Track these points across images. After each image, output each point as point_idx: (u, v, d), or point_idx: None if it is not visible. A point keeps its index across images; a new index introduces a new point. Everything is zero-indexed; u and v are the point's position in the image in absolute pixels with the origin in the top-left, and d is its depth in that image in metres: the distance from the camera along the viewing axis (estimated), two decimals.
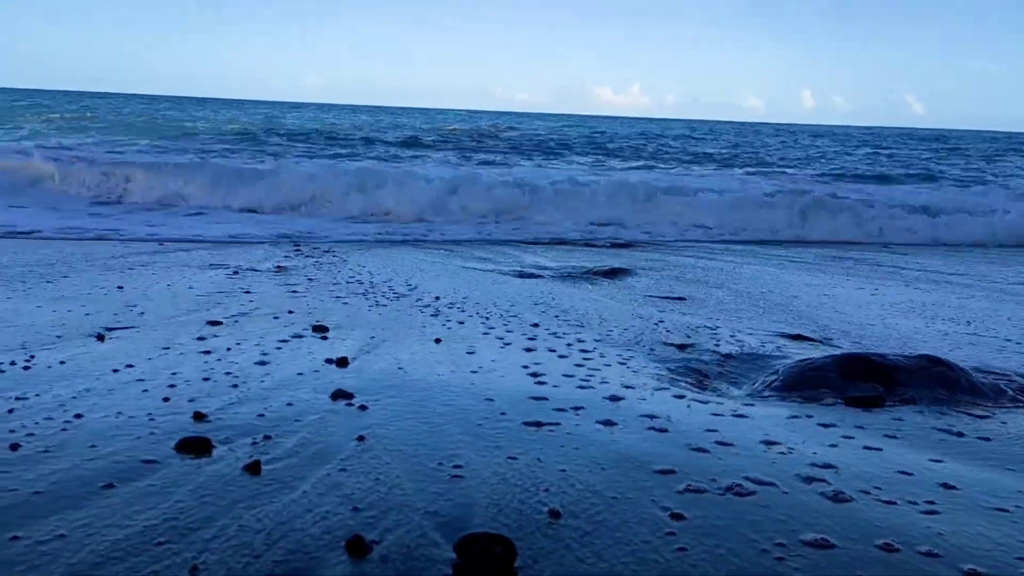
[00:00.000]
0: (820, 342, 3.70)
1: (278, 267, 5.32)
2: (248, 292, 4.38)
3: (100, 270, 4.95)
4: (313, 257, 5.95)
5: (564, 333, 3.66)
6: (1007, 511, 1.94)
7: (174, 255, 5.80)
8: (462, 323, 3.79)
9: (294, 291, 4.47)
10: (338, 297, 4.36)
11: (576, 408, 2.59)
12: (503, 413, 2.52)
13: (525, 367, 3.06)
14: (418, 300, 4.34)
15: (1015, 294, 5.44)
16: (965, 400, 2.74)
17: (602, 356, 3.29)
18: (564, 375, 2.97)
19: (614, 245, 7.70)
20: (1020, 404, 2.80)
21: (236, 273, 5.03)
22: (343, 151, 19.02)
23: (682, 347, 3.48)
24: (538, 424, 2.42)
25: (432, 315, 3.96)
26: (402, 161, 16.72)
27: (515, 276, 5.39)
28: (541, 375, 2.96)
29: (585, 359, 3.22)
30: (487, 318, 3.93)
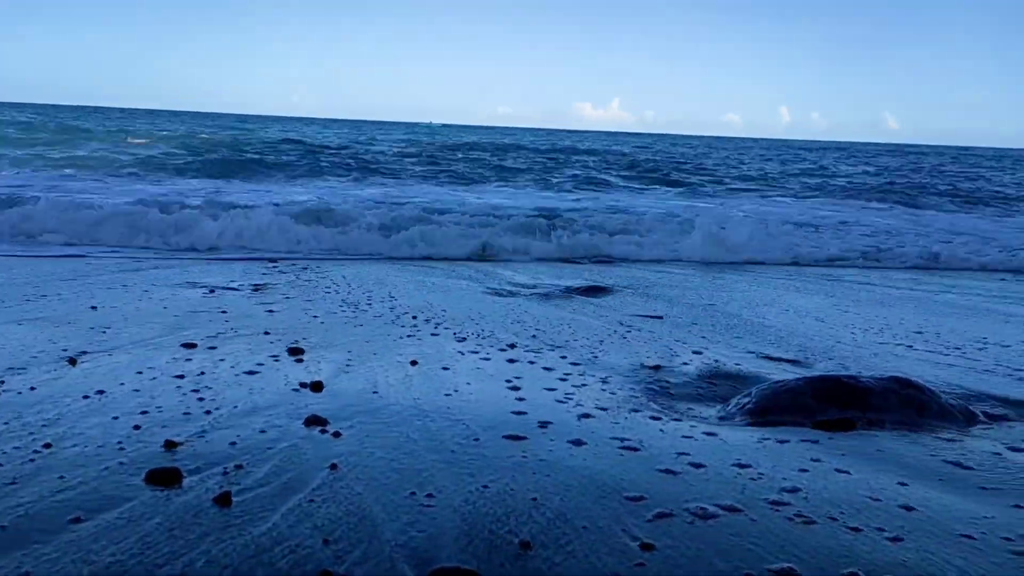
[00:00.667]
0: (797, 363, 3.73)
1: (255, 287, 5.30)
2: (224, 312, 4.36)
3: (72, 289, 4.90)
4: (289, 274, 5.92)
5: (540, 352, 3.67)
6: (973, 538, 1.96)
7: (150, 273, 5.76)
8: (437, 338, 3.79)
9: (270, 310, 4.45)
10: (315, 316, 4.35)
11: (548, 430, 2.61)
12: (476, 439, 2.52)
13: (500, 389, 3.06)
14: (395, 320, 4.33)
15: None
16: (935, 423, 2.77)
17: (580, 376, 3.30)
18: (539, 396, 2.98)
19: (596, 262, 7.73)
20: (990, 427, 2.83)
21: (212, 292, 5.00)
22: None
23: (656, 368, 3.50)
24: (512, 449, 2.43)
25: (408, 335, 3.95)
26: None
27: (491, 294, 5.40)
28: (517, 397, 2.96)
29: (560, 380, 3.23)
30: (464, 338, 3.93)
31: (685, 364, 3.59)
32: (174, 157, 19.06)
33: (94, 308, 4.33)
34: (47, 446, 2.31)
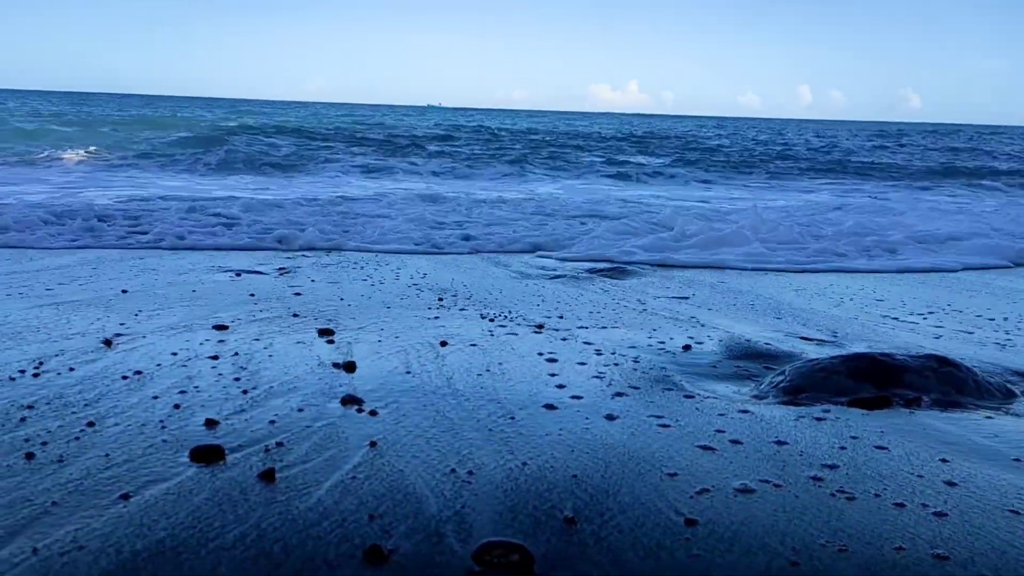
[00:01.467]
0: (829, 342, 3.71)
1: (280, 270, 5.33)
2: (253, 295, 4.39)
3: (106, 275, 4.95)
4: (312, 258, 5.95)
5: (568, 332, 3.67)
6: (1019, 512, 1.95)
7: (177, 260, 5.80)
8: (465, 317, 3.80)
9: (297, 293, 4.48)
10: (342, 299, 4.37)
11: (582, 407, 2.61)
12: (512, 417, 2.53)
13: (533, 366, 3.07)
14: (424, 302, 4.35)
15: None
16: (973, 400, 2.75)
17: (612, 354, 3.30)
18: (572, 373, 2.98)
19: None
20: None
21: (239, 275, 5.03)
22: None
23: (687, 348, 3.49)
24: (548, 426, 2.44)
25: (435, 317, 3.96)
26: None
27: (519, 276, 5.40)
28: (550, 373, 2.97)
29: (595, 355, 3.23)
30: (492, 319, 3.94)
31: (714, 343, 3.58)
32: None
33: (125, 292, 4.37)
34: (90, 424, 2.34)
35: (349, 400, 2.62)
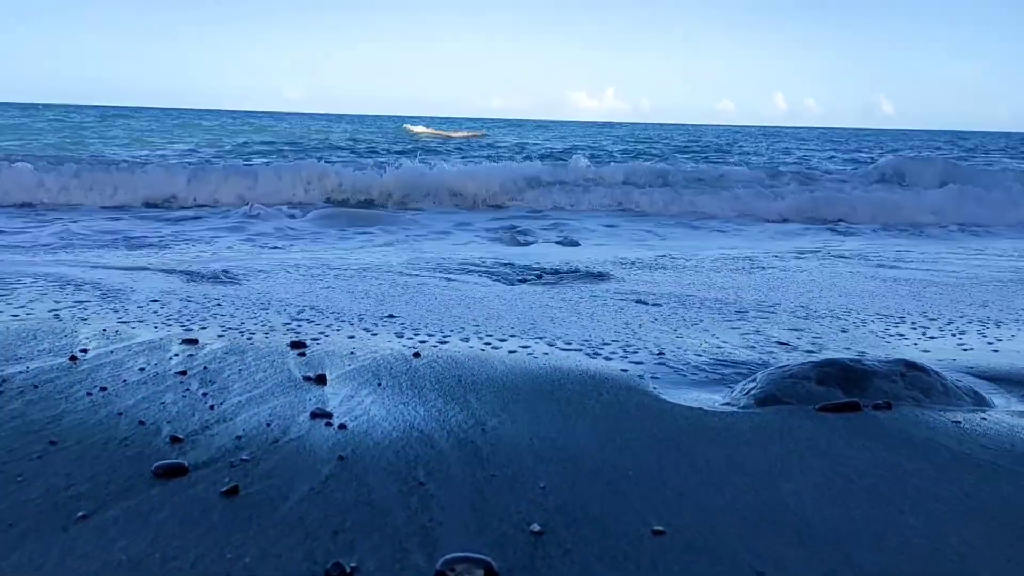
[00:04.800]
0: (802, 347, 3.73)
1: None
2: (219, 304, 4.34)
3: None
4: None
5: (542, 336, 3.66)
6: (982, 511, 1.96)
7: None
8: (444, 339, 3.79)
9: (266, 302, 4.44)
10: (314, 307, 4.34)
11: (555, 411, 2.60)
12: (483, 426, 2.52)
13: (507, 371, 3.06)
14: (395, 317, 4.32)
15: None
16: (942, 405, 2.77)
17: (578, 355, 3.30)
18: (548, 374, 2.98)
19: None
20: (993, 408, 2.83)
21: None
22: None
23: (659, 353, 3.49)
24: (518, 436, 2.43)
25: (407, 331, 3.94)
26: None
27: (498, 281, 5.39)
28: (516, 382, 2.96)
29: (561, 358, 3.23)
30: (462, 328, 3.93)
31: (688, 349, 3.59)
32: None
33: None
34: (52, 443, 2.30)
35: (318, 414, 2.60)
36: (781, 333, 4.02)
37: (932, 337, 3.99)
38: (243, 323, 3.93)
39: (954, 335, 4.04)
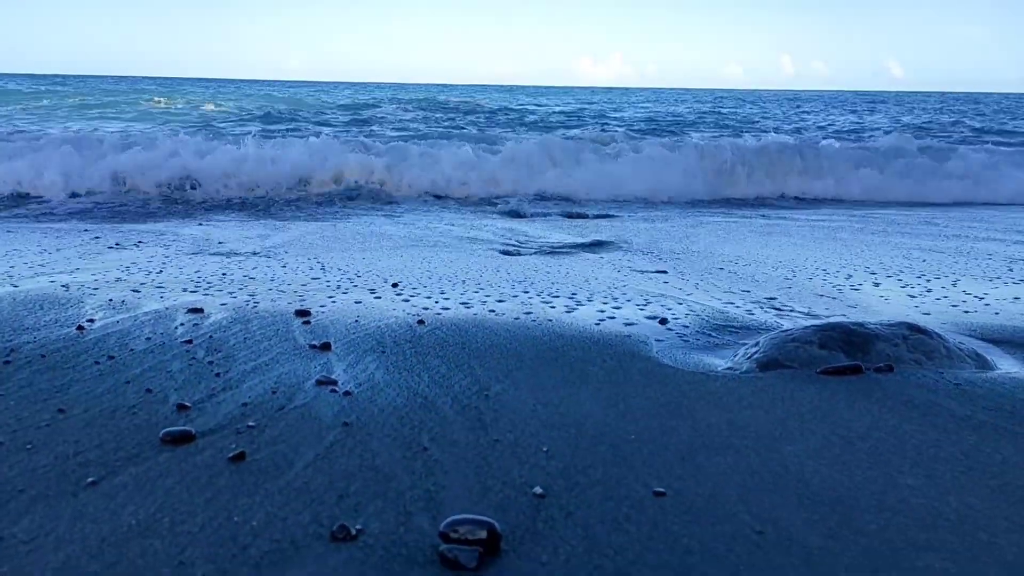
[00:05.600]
0: (803, 312, 3.73)
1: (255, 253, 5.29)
2: (226, 275, 4.36)
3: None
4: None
5: (545, 303, 3.67)
6: (982, 472, 1.97)
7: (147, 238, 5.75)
8: (446, 302, 3.80)
9: (275, 273, 4.45)
10: (316, 278, 4.35)
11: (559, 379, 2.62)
12: (486, 392, 2.53)
13: (510, 337, 3.07)
14: (395, 281, 4.33)
15: None
16: (944, 367, 2.77)
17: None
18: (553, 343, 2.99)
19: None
20: (998, 369, 2.84)
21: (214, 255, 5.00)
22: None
23: (663, 321, 3.50)
24: (521, 401, 2.44)
25: (410, 296, 3.95)
26: None
27: (499, 252, 5.39)
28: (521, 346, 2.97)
29: (566, 326, 3.24)
30: (463, 292, 3.93)
31: (689, 315, 3.59)
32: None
33: (95, 277, 4.33)
34: (61, 411, 2.33)
35: (323, 381, 2.62)
36: None
37: None
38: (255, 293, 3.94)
39: None
